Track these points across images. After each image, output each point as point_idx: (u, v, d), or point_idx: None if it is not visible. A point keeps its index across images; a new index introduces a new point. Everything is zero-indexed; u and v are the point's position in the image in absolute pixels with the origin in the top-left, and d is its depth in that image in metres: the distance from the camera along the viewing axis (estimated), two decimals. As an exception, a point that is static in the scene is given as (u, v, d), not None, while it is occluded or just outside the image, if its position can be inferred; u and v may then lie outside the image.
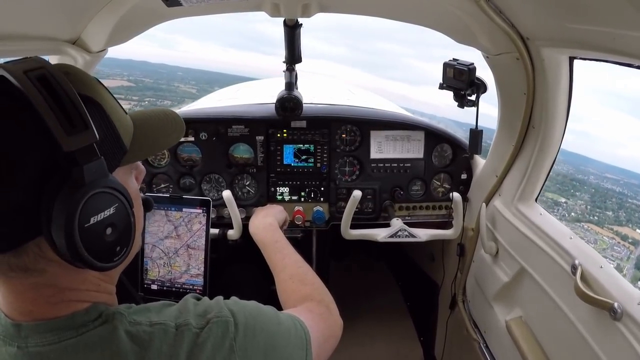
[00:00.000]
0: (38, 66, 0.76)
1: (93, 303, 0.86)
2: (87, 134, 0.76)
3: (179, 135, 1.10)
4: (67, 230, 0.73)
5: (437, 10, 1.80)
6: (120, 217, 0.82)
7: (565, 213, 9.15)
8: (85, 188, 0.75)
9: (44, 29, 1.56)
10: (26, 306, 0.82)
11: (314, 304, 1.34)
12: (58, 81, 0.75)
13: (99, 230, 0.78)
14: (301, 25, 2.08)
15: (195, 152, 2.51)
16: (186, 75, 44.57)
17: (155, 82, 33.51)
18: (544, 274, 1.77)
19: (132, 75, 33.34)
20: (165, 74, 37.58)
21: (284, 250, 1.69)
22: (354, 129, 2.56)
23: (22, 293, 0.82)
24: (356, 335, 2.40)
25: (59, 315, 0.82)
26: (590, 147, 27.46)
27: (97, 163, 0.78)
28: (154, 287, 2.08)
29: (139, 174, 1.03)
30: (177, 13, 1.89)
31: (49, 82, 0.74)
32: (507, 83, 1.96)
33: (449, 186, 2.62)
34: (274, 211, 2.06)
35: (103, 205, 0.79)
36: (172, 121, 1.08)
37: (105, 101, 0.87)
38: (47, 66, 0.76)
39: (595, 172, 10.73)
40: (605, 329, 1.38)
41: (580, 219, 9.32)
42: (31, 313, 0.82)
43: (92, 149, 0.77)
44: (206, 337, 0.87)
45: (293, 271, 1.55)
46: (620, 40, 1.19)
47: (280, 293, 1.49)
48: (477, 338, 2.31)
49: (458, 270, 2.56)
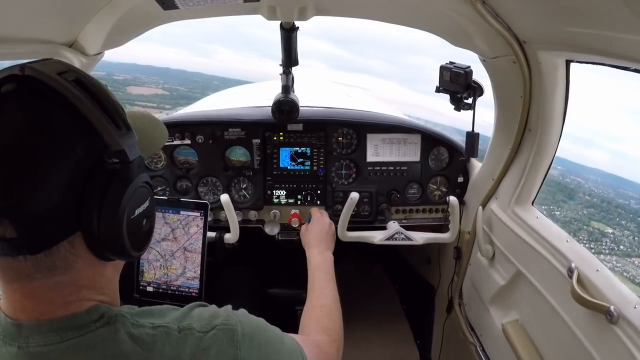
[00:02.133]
0: (68, 69, 0.80)
1: (99, 302, 0.85)
2: (130, 134, 0.84)
3: (165, 137, 1.15)
4: (117, 222, 0.80)
5: (433, 13, 1.81)
6: (152, 209, 0.92)
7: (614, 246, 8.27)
8: (134, 183, 0.83)
9: (40, 32, 1.55)
10: (37, 306, 0.81)
11: (326, 342, 1.38)
12: (94, 84, 0.80)
13: (139, 221, 0.87)
14: (297, 28, 2.08)
15: (191, 155, 2.50)
16: (222, 85, 44.87)
17: (190, 90, 32.91)
18: (541, 277, 1.77)
19: (168, 83, 33.15)
20: (200, 83, 37.30)
21: (329, 283, 1.78)
22: (351, 132, 2.55)
23: (40, 294, 0.81)
24: (352, 339, 2.39)
25: (68, 314, 0.82)
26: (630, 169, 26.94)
27: (138, 160, 0.85)
28: (149, 289, 2.07)
29: None
30: (174, 16, 1.89)
31: (86, 85, 0.79)
32: (503, 86, 1.97)
33: (446, 189, 2.62)
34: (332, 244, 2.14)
35: (143, 199, 0.87)
36: (155, 122, 1.13)
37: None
38: (76, 69, 0.82)
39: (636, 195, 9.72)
40: (602, 333, 1.38)
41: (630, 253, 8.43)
42: (41, 313, 0.81)
43: (135, 148, 0.84)
44: (211, 342, 0.87)
45: (326, 303, 1.64)
46: (617, 43, 1.20)
47: (304, 314, 1.59)
48: (473, 341, 2.31)
49: (454, 274, 2.56)
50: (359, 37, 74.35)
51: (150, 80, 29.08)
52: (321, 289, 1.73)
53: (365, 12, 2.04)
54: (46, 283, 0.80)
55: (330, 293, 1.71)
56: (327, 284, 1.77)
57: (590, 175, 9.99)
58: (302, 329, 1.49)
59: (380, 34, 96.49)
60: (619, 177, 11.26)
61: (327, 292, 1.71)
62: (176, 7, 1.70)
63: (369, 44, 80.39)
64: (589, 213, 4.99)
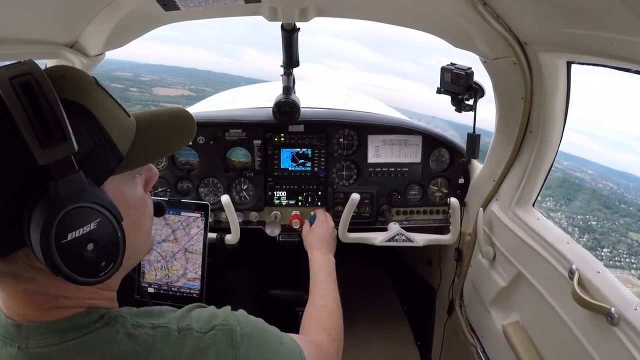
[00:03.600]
0: (25, 72, 0.71)
1: (90, 307, 0.85)
2: (64, 146, 0.71)
3: (190, 136, 1.04)
4: (43, 246, 0.70)
5: (434, 15, 1.81)
6: (103, 233, 0.77)
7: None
8: (60, 203, 0.71)
9: (41, 33, 1.55)
10: (22, 309, 0.82)
11: (326, 341, 1.39)
12: (42, 88, 0.71)
13: (78, 246, 0.74)
14: (299, 29, 2.08)
15: (192, 156, 2.51)
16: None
17: (217, 91, 33.32)
18: (541, 279, 1.76)
19: (195, 84, 32.73)
20: (227, 84, 37.17)
21: (331, 285, 1.80)
22: (352, 133, 2.56)
23: (15, 297, 0.82)
24: (353, 340, 2.39)
25: (57, 318, 0.82)
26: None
27: (74, 177, 0.73)
28: (150, 290, 2.08)
29: (150, 177, 1.00)
30: (175, 17, 1.89)
31: (33, 89, 0.71)
32: (504, 88, 1.96)
33: (447, 191, 2.62)
34: (334, 247, 2.19)
35: (82, 221, 0.74)
36: (182, 122, 1.03)
37: (99, 105, 0.82)
38: (34, 72, 0.72)
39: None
40: (602, 334, 1.38)
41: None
42: (27, 316, 0.82)
43: (69, 162, 0.73)
44: (210, 342, 0.87)
45: (327, 303, 1.66)
46: (618, 45, 1.20)
47: (305, 314, 1.61)
48: (474, 343, 2.31)
49: (455, 275, 2.55)
50: (387, 39, 71.64)
51: (177, 81, 28.91)
52: (323, 289, 1.75)
53: (366, 13, 2.04)
54: (15, 288, 0.81)
55: (332, 294, 1.73)
56: (328, 285, 1.78)
57: (622, 180, 9.61)
58: (303, 328, 1.50)
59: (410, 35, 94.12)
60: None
61: (328, 293, 1.72)
62: (177, 8, 1.70)
63: (398, 45, 78.58)
64: (625, 223, 4.67)
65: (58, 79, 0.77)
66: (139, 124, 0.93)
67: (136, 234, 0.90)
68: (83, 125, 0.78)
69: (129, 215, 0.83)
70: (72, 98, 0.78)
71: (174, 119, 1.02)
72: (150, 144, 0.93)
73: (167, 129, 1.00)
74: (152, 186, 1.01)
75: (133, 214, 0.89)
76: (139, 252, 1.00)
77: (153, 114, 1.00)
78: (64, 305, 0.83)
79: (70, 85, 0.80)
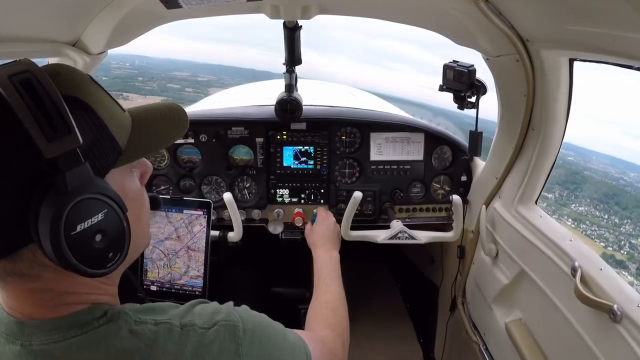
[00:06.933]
0: (23, 70, 0.73)
1: (94, 304, 0.86)
2: (69, 139, 0.73)
3: (182, 131, 1.06)
4: (52, 239, 0.71)
5: (436, 12, 1.80)
6: (110, 223, 0.78)
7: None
8: (68, 195, 0.73)
9: (43, 31, 1.56)
10: (25, 308, 0.83)
11: (331, 337, 1.40)
12: (42, 85, 0.72)
13: (87, 237, 0.75)
14: (301, 27, 2.08)
15: (195, 154, 2.51)
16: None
17: None
18: (544, 276, 1.76)
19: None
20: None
21: (334, 281, 1.81)
22: (354, 130, 2.55)
23: (20, 297, 0.82)
24: (355, 337, 2.38)
25: (60, 315, 0.82)
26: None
27: (81, 168, 0.75)
28: (153, 288, 2.08)
29: (144, 171, 1.01)
30: (177, 15, 1.90)
31: (33, 86, 0.71)
32: (507, 85, 1.96)
33: (449, 188, 2.62)
34: (337, 243, 2.21)
35: (90, 212, 0.75)
36: (175, 116, 1.05)
37: (97, 101, 0.84)
38: (33, 69, 0.73)
39: None
40: (605, 331, 1.38)
41: None
42: (31, 314, 0.82)
43: (76, 154, 0.74)
44: (213, 338, 0.87)
45: (331, 299, 1.67)
46: (621, 42, 1.19)
47: (310, 310, 1.61)
48: (476, 340, 2.31)
49: (458, 272, 2.55)
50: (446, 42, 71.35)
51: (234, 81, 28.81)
52: (326, 286, 1.76)
53: (368, 10, 2.04)
54: (21, 287, 0.81)
55: (336, 290, 1.73)
56: (332, 282, 1.79)
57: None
58: (308, 325, 1.51)
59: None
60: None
61: (332, 289, 1.73)
62: (179, 6, 1.70)
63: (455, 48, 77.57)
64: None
65: (55, 76, 0.78)
66: (134, 118, 0.95)
67: (136, 226, 0.91)
68: (84, 120, 0.79)
69: (130, 207, 0.84)
70: (71, 93, 0.79)
71: (166, 113, 1.04)
72: (146, 137, 0.95)
73: (161, 122, 1.02)
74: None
75: (134, 206, 0.90)
76: (138, 246, 1.00)
77: (146, 109, 1.02)
78: (68, 301, 0.84)
79: (67, 81, 0.81)
